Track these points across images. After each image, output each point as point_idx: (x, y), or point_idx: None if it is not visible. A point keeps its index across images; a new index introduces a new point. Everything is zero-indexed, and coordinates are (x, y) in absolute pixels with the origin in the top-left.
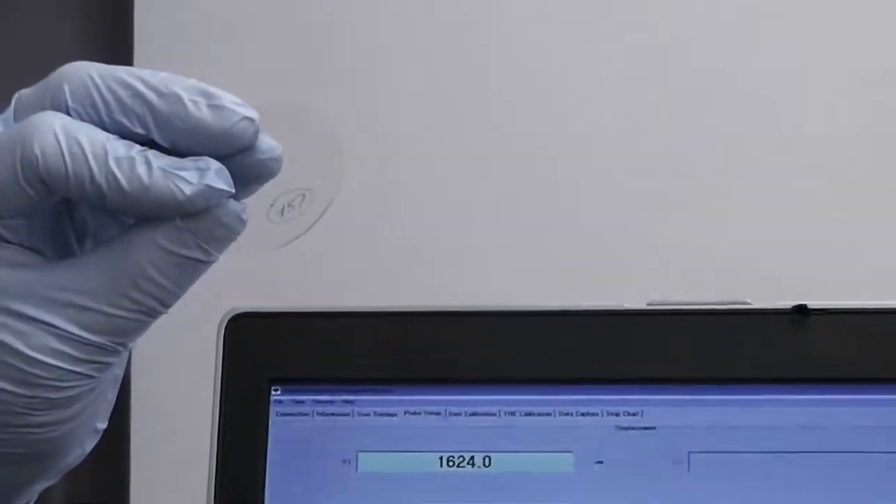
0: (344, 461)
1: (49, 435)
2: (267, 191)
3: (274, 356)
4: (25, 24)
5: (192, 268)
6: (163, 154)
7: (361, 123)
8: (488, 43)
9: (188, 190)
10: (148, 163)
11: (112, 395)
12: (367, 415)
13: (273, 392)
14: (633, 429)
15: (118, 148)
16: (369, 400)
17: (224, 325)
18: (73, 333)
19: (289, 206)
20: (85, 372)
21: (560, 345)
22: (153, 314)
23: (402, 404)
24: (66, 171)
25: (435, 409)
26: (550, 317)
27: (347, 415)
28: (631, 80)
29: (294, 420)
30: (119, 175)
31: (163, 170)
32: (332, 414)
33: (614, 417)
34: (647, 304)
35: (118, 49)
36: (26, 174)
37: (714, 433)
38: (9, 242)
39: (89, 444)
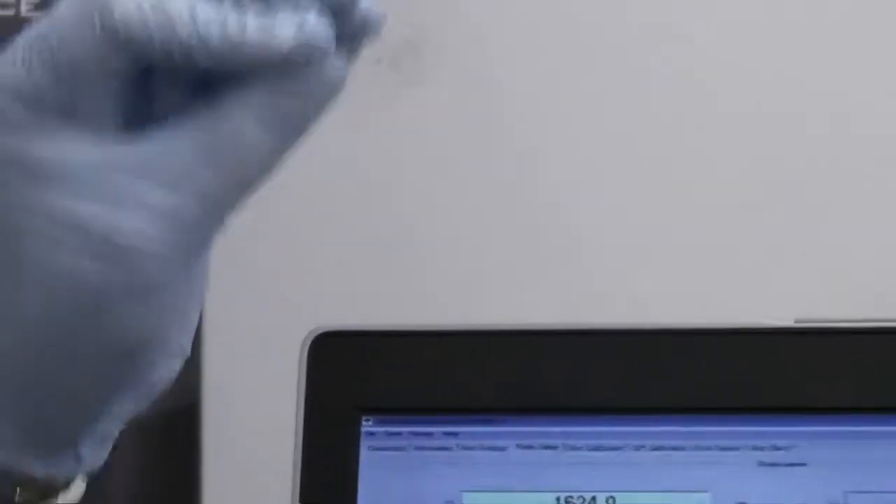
0: (446, 502)
1: (134, 331)
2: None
3: (365, 381)
4: None
5: (292, 130)
6: (256, 6)
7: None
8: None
9: (285, 46)
10: (240, 17)
11: (194, 317)
12: (473, 448)
13: (364, 423)
14: (780, 465)
15: (207, 3)
16: (475, 432)
17: (308, 345)
18: (163, 211)
19: (395, 59)
20: (176, 257)
21: (694, 368)
22: (250, 185)
23: (513, 436)
24: (151, 36)
25: (550, 441)
26: (683, 336)
27: (449, 449)
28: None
29: (388, 455)
30: (210, 33)
31: (257, 24)
32: (432, 448)
33: (757, 452)
34: (795, 322)
35: None
36: (107, 43)
37: (874, 470)
38: (92, 117)
39: (176, 364)
